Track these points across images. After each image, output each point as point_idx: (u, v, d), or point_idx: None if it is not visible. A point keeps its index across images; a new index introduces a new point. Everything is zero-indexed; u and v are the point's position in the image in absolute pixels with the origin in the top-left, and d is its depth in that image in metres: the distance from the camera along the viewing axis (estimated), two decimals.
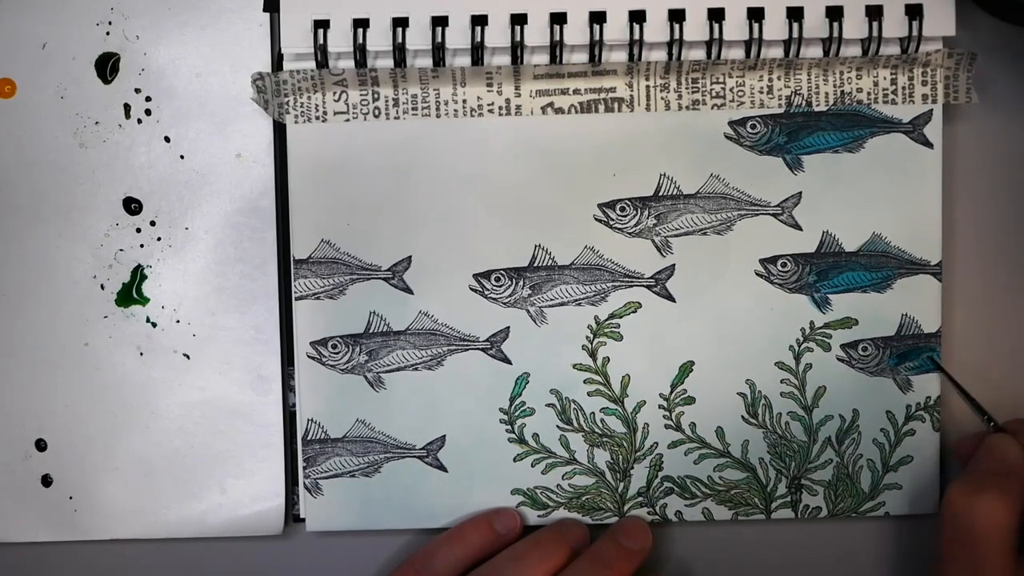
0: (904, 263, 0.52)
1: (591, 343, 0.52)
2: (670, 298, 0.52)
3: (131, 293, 0.53)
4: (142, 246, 0.53)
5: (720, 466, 0.53)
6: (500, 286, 0.52)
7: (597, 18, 0.50)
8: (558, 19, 0.50)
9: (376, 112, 0.52)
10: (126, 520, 0.53)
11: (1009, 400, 0.54)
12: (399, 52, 0.50)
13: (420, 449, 0.52)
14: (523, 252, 0.52)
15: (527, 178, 0.52)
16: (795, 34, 0.51)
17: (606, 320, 0.52)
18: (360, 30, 0.50)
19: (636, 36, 0.50)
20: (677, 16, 0.51)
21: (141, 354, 0.53)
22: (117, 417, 0.53)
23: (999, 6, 0.50)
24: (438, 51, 0.50)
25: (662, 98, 0.52)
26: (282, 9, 0.51)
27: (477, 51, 0.51)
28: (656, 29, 0.51)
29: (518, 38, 0.50)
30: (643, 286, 0.52)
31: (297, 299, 0.52)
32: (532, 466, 0.53)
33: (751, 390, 0.53)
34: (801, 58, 0.51)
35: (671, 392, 0.53)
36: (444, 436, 0.52)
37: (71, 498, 0.53)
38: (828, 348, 0.52)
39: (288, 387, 0.53)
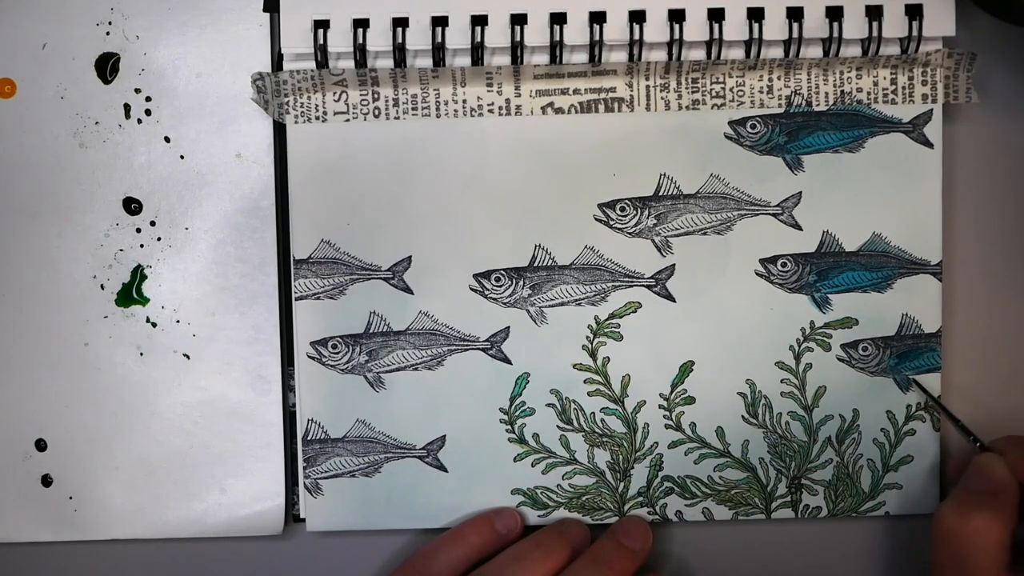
0: (904, 263, 0.52)
1: (591, 343, 0.52)
2: (670, 298, 0.52)
3: (131, 293, 0.53)
4: (142, 246, 0.53)
5: (720, 466, 0.53)
6: (500, 286, 0.52)
7: (597, 18, 0.50)
8: (558, 19, 0.50)
9: (376, 112, 0.52)
10: (126, 520, 0.53)
11: (1009, 400, 0.54)
12: (399, 52, 0.50)
13: (420, 449, 0.52)
14: (523, 252, 0.52)
15: (527, 178, 0.52)
16: (795, 34, 0.51)
17: (606, 320, 0.52)
18: (360, 30, 0.50)
19: (636, 36, 0.50)
20: (677, 16, 0.51)
21: (141, 354, 0.53)
22: (117, 417, 0.53)
23: (999, 6, 0.50)
24: (438, 51, 0.50)
25: (662, 98, 0.52)
26: (282, 9, 0.51)
27: (477, 51, 0.51)
28: (656, 29, 0.51)
29: (518, 38, 0.50)
30: (643, 286, 0.52)
31: (297, 299, 0.52)
32: (532, 466, 0.53)
33: (751, 390, 0.53)
34: (801, 58, 0.51)
35: (671, 392, 0.53)
36: (444, 436, 0.52)
37: (71, 498, 0.53)
38: (828, 348, 0.52)
39: (288, 387, 0.53)
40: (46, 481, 0.53)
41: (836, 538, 0.54)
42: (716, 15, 0.51)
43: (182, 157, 0.52)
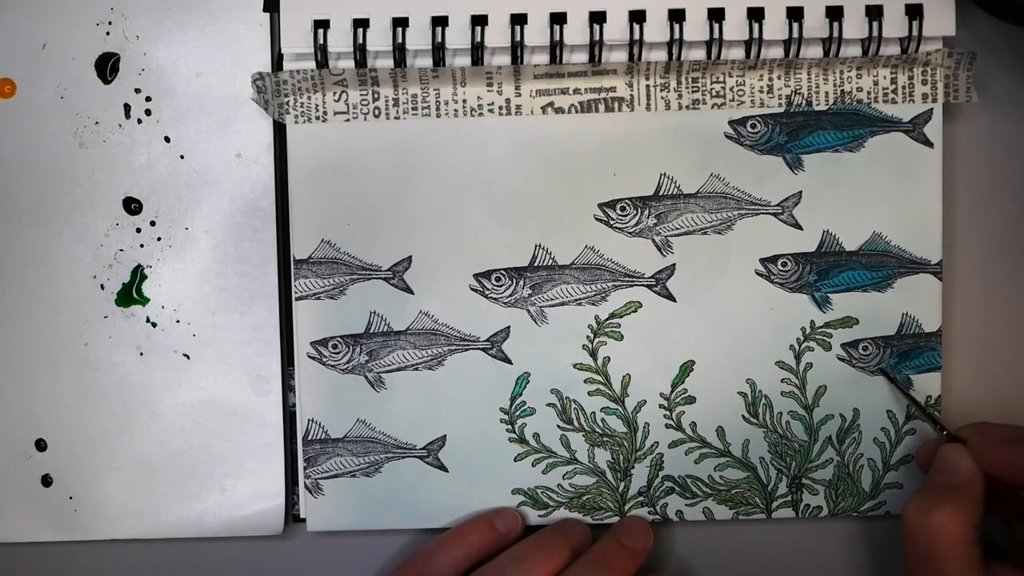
0: (904, 262, 0.52)
1: (591, 343, 0.52)
2: (670, 298, 0.52)
3: (131, 293, 0.53)
4: (142, 246, 0.53)
5: (721, 465, 0.53)
6: (500, 286, 0.52)
7: (597, 18, 0.50)
8: (558, 19, 0.50)
9: (376, 112, 0.52)
10: (126, 520, 0.53)
11: (1009, 400, 0.54)
12: (399, 52, 0.50)
13: (421, 449, 0.52)
14: (523, 252, 0.52)
15: (527, 178, 0.52)
16: (795, 34, 0.51)
17: (606, 320, 0.52)
18: (360, 30, 0.50)
19: (636, 36, 0.50)
20: (677, 16, 0.51)
21: (141, 354, 0.53)
22: (117, 417, 0.53)
23: (999, 6, 0.50)
24: (438, 51, 0.50)
25: (662, 98, 0.52)
26: (282, 9, 0.51)
27: (477, 51, 0.51)
28: (656, 29, 0.51)
29: (518, 38, 0.50)
30: (643, 286, 0.52)
31: (297, 299, 0.52)
32: (533, 466, 0.53)
33: (752, 389, 0.53)
34: (801, 58, 0.51)
35: (672, 392, 0.52)
36: (445, 436, 0.52)
37: (71, 498, 0.53)
38: (829, 347, 0.52)
39: (288, 387, 0.53)
40: (46, 481, 0.53)
41: (836, 538, 0.54)
42: (716, 15, 0.51)
43: (182, 157, 0.52)
